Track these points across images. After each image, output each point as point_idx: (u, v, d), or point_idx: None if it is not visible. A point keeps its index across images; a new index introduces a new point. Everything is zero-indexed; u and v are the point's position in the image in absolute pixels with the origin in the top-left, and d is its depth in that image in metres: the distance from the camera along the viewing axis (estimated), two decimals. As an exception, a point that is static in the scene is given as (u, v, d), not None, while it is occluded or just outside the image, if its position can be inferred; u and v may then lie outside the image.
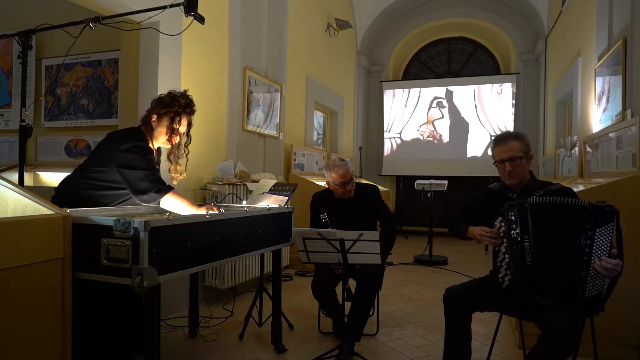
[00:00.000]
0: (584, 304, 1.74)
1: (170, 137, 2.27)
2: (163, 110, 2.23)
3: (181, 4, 2.22)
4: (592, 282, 1.74)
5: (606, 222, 1.73)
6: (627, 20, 3.18)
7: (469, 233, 2.08)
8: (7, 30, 2.74)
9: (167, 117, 2.23)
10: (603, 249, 1.73)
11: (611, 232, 1.73)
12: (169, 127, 2.24)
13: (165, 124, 2.24)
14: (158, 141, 2.30)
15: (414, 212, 8.12)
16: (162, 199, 2.11)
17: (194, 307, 2.83)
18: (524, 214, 1.85)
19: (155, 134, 2.27)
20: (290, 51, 5.25)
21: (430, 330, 3.04)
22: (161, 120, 2.24)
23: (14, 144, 4.38)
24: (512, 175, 2.05)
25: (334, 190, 2.86)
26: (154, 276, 1.57)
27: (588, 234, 1.74)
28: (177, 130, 2.27)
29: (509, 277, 1.92)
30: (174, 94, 2.29)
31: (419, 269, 5.09)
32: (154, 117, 2.24)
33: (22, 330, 1.39)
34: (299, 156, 5.72)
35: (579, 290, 1.74)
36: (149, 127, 2.26)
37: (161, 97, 2.28)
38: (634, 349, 2.46)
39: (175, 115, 2.24)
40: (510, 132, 2.18)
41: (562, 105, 6.16)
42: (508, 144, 2.06)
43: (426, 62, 9.01)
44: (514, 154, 2.03)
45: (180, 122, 2.27)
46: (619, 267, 1.69)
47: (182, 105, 2.27)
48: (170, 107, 2.24)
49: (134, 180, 2.09)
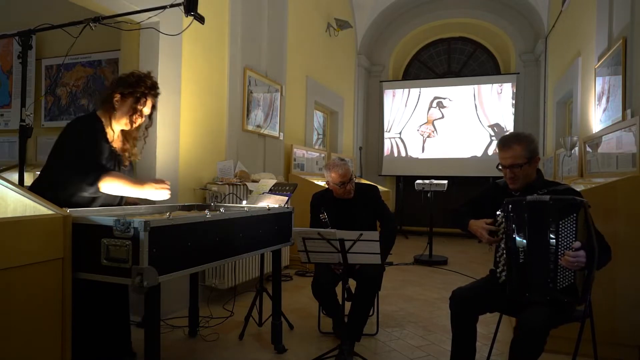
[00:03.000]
0: (556, 296, 1.78)
1: (133, 118, 2.13)
2: (128, 90, 2.10)
3: (181, 4, 2.21)
4: (562, 274, 1.78)
5: (568, 214, 1.77)
6: (627, 20, 3.18)
7: (470, 226, 2.09)
8: (7, 30, 2.74)
9: (131, 97, 2.10)
10: (568, 240, 1.77)
11: (575, 224, 1.76)
12: (133, 108, 2.11)
13: (129, 104, 2.11)
14: (120, 122, 2.15)
15: (414, 212, 8.12)
16: (100, 187, 1.96)
17: (194, 307, 2.83)
18: (521, 211, 1.88)
19: (117, 115, 2.12)
20: (290, 51, 5.25)
21: (430, 330, 3.04)
22: (125, 100, 2.11)
23: (14, 144, 4.38)
24: (514, 180, 2.05)
25: (334, 190, 2.86)
26: (154, 276, 1.57)
27: (551, 228, 1.79)
28: (141, 111, 2.14)
29: (505, 273, 1.96)
30: (139, 74, 2.16)
31: (419, 269, 5.09)
32: (117, 96, 2.10)
33: (22, 330, 1.39)
34: (299, 156, 5.72)
35: (550, 283, 1.79)
36: (110, 107, 2.11)
37: (124, 77, 2.15)
38: (634, 349, 2.46)
39: (140, 97, 2.12)
40: (515, 135, 2.09)
41: (562, 105, 6.16)
42: (510, 150, 2.02)
43: (426, 62, 9.01)
44: (514, 162, 2.00)
45: (145, 104, 2.15)
46: (582, 258, 1.71)
47: (148, 87, 2.14)
48: (135, 87, 2.11)
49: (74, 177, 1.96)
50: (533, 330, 1.72)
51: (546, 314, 1.76)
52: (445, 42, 8.83)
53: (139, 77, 2.15)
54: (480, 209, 2.14)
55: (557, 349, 2.28)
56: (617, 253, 1.91)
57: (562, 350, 2.34)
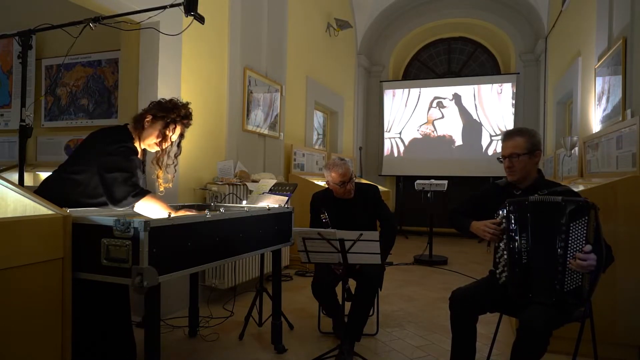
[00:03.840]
0: (562, 298, 1.78)
1: (160, 142, 2.19)
2: (161, 114, 2.17)
3: (181, 4, 2.21)
4: (570, 276, 1.77)
5: (580, 216, 1.76)
6: (627, 20, 3.18)
7: (472, 228, 2.09)
8: (7, 30, 2.73)
9: (162, 121, 2.17)
10: (579, 242, 1.75)
11: (586, 226, 1.75)
12: (161, 132, 2.17)
13: (159, 127, 2.17)
14: (145, 142, 2.21)
15: (414, 212, 8.12)
16: (138, 202, 1.98)
17: (194, 307, 2.83)
18: (523, 211, 1.88)
19: (145, 135, 2.19)
20: (290, 51, 5.25)
21: (430, 330, 3.04)
22: (155, 122, 2.17)
23: (14, 144, 4.38)
24: (512, 171, 2.06)
25: (334, 190, 2.86)
26: (154, 276, 1.57)
27: (563, 229, 1.78)
28: (168, 136, 2.20)
29: (505, 274, 1.95)
30: (177, 102, 2.24)
31: (419, 269, 5.09)
32: (149, 117, 2.17)
33: (22, 330, 1.39)
34: (299, 156, 5.72)
35: (557, 285, 1.78)
36: (140, 126, 2.18)
37: (162, 101, 2.23)
38: (634, 349, 2.46)
39: (171, 122, 2.18)
40: (519, 128, 2.15)
41: (562, 105, 6.16)
42: (511, 140, 2.07)
43: (426, 62, 9.01)
44: (513, 151, 2.04)
45: (174, 130, 2.21)
46: (593, 261, 1.71)
47: (181, 115, 2.21)
48: (169, 112, 2.18)
49: (112, 186, 1.97)
50: (535, 332, 1.71)
51: (548, 315, 1.75)
52: (445, 42, 8.83)
53: (175, 104, 2.21)
54: (480, 209, 2.14)
55: (557, 349, 2.27)
56: (617, 253, 1.91)
57: (562, 350, 2.34)
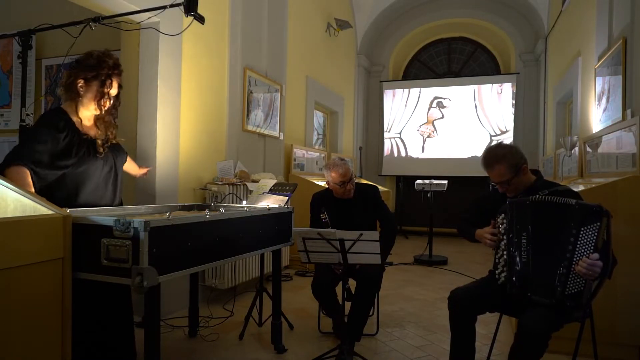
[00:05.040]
0: (562, 300, 1.77)
1: (102, 103, 2.03)
2: (91, 74, 2.00)
3: (181, 4, 2.22)
4: (573, 280, 1.75)
5: (592, 221, 1.74)
6: (627, 20, 3.18)
7: (476, 236, 2.12)
8: (7, 30, 2.74)
9: (96, 80, 2.00)
10: (587, 248, 1.74)
11: (596, 232, 1.72)
12: (100, 92, 2.01)
13: (95, 88, 2.01)
14: (89, 108, 2.05)
15: (414, 212, 8.12)
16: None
17: (194, 307, 2.83)
18: (524, 211, 1.89)
19: (85, 101, 2.02)
20: (290, 51, 5.25)
21: (430, 330, 3.04)
22: (90, 85, 2.00)
23: (14, 144, 4.36)
24: (509, 191, 2.07)
25: (334, 190, 2.86)
26: (154, 276, 1.57)
27: (573, 232, 1.77)
28: (108, 94, 2.04)
29: (504, 274, 1.96)
30: (98, 54, 2.04)
31: (419, 269, 5.09)
32: (81, 82, 1.99)
33: (22, 330, 1.39)
34: (299, 156, 5.72)
35: (558, 287, 1.77)
36: (75, 94, 2.01)
37: (83, 59, 2.03)
38: (634, 349, 2.46)
39: (106, 79, 2.02)
40: (494, 155, 2.05)
41: (562, 105, 6.16)
42: (493, 170, 2.04)
43: (426, 62, 9.01)
44: (501, 179, 2.03)
45: (111, 85, 2.05)
46: (598, 268, 1.68)
47: (111, 67, 2.04)
48: (98, 69, 2.00)
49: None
50: (534, 335, 1.71)
51: (547, 318, 1.74)
52: (445, 42, 8.83)
53: (98, 57, 2.03)
54: (486, 214, 2.14)
55: (557, 349, 2.27)
56: (617, 253, 1.90)
57: (562, 350, 2.34)
